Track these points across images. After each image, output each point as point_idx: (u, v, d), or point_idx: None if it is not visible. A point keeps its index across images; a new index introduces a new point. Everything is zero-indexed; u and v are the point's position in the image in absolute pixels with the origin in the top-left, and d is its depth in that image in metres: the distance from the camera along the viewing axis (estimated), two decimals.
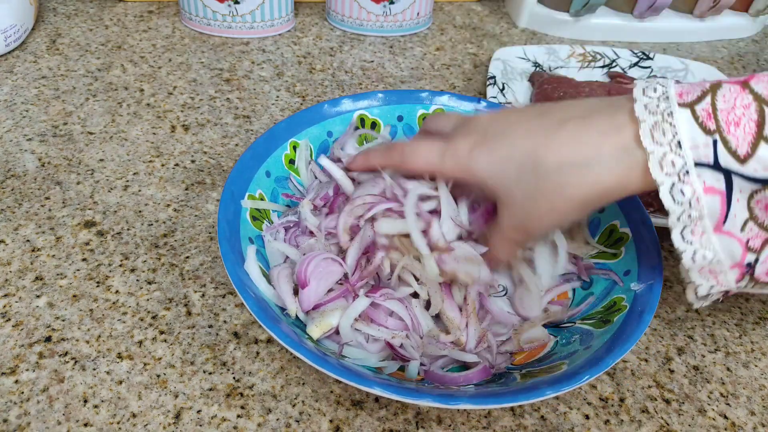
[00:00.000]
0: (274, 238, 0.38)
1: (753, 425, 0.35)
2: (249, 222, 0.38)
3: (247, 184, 0.39)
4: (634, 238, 0.38)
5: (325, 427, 0.33)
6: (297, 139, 0.44)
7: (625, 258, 0.37)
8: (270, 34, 0.71)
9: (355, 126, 0.46)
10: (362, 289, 0.36)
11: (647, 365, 0.38)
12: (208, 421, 0.33)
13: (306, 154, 0.44)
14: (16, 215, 0.44)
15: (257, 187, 0.40)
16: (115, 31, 0.69)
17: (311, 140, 0.45)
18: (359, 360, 0.34)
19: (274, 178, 0.42)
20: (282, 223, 0.39)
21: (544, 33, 0.77)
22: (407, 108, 0.47)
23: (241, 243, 0.35)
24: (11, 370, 0.34)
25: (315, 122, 0.45)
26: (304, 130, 0.44)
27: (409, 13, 0.72)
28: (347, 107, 0.46)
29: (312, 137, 0.45)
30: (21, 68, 0.61)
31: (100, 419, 0.32)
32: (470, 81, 0.66)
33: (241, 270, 0.33)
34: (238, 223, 0.36)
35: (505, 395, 0.29)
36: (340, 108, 0.46)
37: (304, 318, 0.35)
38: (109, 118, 0.55)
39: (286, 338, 0.29)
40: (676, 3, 0.78)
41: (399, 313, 0.34)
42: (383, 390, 0.28)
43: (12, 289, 0.39)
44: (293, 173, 0.43)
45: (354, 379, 0.28)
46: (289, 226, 0.39)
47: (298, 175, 0.44)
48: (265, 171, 0.41)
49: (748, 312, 0.42)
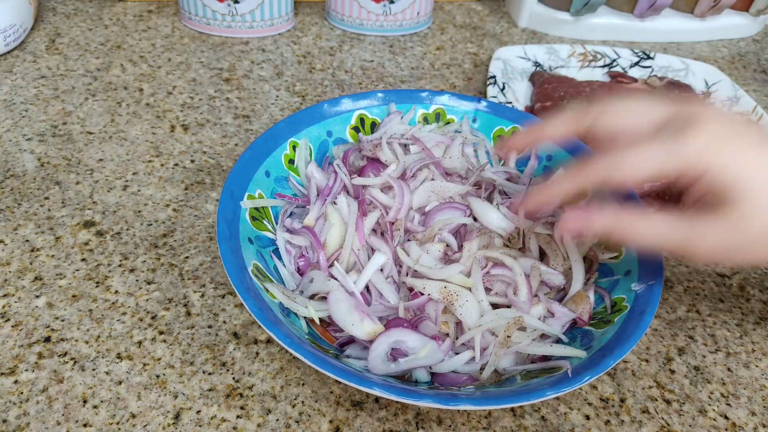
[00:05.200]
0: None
1: (754, 425, 0.35)
2: (248, 222, 0.38)
3: (246, 184, 0.39)
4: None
5: (325, 427, 0.33)
6: (296, 138, 0.44)
7: (626, 259, 0.37)
8: (270, 33, 0.70)
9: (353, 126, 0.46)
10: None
11: (648, 365, 0.38)
12: (207, 421, 0.33)
13: (306, 154, 0.44)
14: (16, 215, 0.44)
15: (257, 187, 0.40)
16: (115, 30, 0.69)
17: (311, 140, 0.45)
18: (361, 359, 0.34)
19: (273, 177, 0.42)
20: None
21: (545, 32, 0.77)
22: (407, 107, 0.47)
23: (241, 243, 0.35)
24: (10, 370, 0.34)
25: (315, 122, 0.45)
26: (303, 129, 0.44)
27: (409, 13, 0.72)
28: (347, 107, 0.46)
29: (312, 137, 0.45)
30: (20, 68, 0.60)
31: (99, 419, 0.32)
32: (470, 81, 0.66)
33: (240, 271, 0.33)
34: (237, 223, 0.36)
35: (505, 396, 0.28)
36: (339, 108, 0.46)
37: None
38: (108, 118, 0.55)
39: (285, 339, 0.29)
40: (677, 3, 0.78)
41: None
42: (383, 391, 0.28)
43: (11, 289, 0.39)
44: (293, 173, 0.43)
45: (353, 379, 0.28)
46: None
47: (298, 175, 0.44)
48: (264, 171, 0.41)
49: (748, 312, 0.42)
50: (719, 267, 0.46)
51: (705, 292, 0.43)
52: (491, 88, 0.59)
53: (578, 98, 0.58)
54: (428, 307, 0.35)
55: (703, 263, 0.33)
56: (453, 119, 0.48)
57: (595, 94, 0.60)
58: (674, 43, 0.78)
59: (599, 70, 0.67)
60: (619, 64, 0.67)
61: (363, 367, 0.32)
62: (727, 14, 0.80)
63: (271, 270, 0.37)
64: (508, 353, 0.33)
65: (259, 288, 0.33)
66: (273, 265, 0.38)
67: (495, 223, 0.38)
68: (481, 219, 0.39)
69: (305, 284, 0.36)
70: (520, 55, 0.66)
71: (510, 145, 0.38)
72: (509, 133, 0.47)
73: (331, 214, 0.39)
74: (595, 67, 0.67)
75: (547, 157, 0.45)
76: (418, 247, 0.37)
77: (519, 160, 0.46)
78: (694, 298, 0.43)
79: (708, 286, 0.44)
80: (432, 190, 0.40)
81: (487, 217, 0.38)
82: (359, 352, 0.34)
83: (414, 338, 0.33)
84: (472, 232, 0.38)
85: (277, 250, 0.39)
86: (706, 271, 0.45)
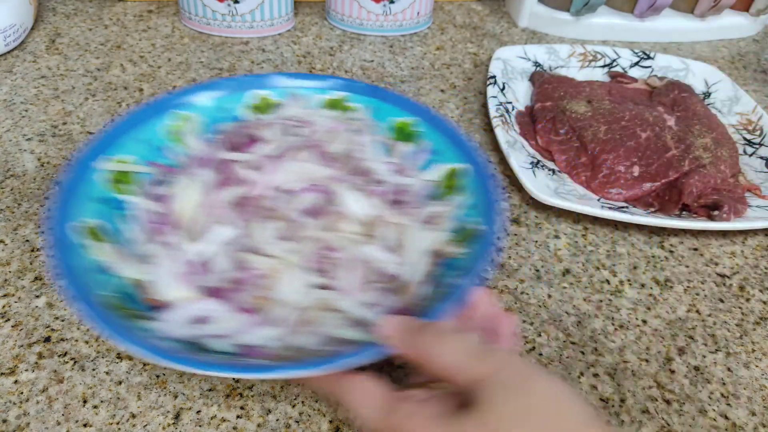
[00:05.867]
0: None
1: (754, 425, 0.35)
2: (101, 184, 0.38)
3: (106, 148, 0.40)
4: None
5: (324, 427, 0.33)
6: (187, 111, 0.45)
7: (472, 255, 0.36)
8: (270, 33, 0.70)
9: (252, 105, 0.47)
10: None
11: (648, 365, 0.38)
12: (207, 421, 0.33)
13: (194, 127, 0.45)
14: (15, 215, 0.44)
15: (127, 153, 0.41)
16: (115, 30, 0.69)
17: (205, 114, 0.45)
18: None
19: (151, 146, 0.43)
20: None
21: (545, 33, 0.77)
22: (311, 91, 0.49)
23: (76, 201, 0.36)
24: (10, 370, 0.34)
25: (210, 96, 0.46)
26: (196, 102, 0.45)
27: (409, 13, 0.72)
28: (248, 85, 0.47)
29: (205, 111, 0.45)
30: (20, 68, 0.60)
31: (99, 419, 0.32)
32: (470, 80, 0.66)
33: (59, 225, 0.34)
34: (80, 183, 0.37)
35: (304, 364, 0.28)
36: (239, 85, 0.47)
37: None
38: (108, 118, 0.55)
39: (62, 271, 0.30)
40: (677, 3, 0.78)
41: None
42: (154, 356, 0.27)
43: (11, 289, 0.39)
44: (178, 144, 0.44)
45: (148, 352, 0.28)
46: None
47: (185, 146, 0.44)
48: (141, 138, 0.42)
49: (748, 312, 0.42)
50: (719, 267, 0.46)
51: (705, 292, 0.43)
52: (491, 88, 0.59)
53: (578, 98, 0.58)
54: (255, 281, 0.35)
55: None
56: (354, 107, 0.49)
57: (595, 93, 0.59)
58: (674, 43, 0.78)
59: (599, 70, 0.66)
60: (619, 63, 0.67)
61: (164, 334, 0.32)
62: (727, 14, 0.80)
63: (118, 232, 0.37)
64: (311, 332, 0.33)
65: (79, 244, 0.33)
66: (122, 227, 0.38)
67: (353, 209, 0.39)
68: (342, 204, 0.40)
69: (145, 248, 0.37)
70: (520, 55, 0.65)
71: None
72: (407, 125, 0.47)
73: (188, 184, 0.39)
74: (596, 67, 0.66)
75: (435, 151, 0.46)
76: (267, 224, 0.37)
77: (407, 153, 0.46)
78: (694, 298, 0.43)
79: (708, 286, 0.44)
80: (297, 170, 0.41)
81: (347, 202, 0.39)
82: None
83: (221, 308, 0.33)
84: (326, 214, 0.39)
85: (134, 214, 0.40)
86: (706, 271, 0.45)
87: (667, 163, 0.51)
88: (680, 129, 0.55)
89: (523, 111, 0.59)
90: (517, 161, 0.50)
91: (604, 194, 0.50)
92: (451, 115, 0.60)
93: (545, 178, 0.50)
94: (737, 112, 0.61)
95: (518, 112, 0.59)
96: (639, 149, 0.52)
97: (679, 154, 0.51)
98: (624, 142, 0.52)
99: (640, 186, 0.50)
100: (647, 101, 0.60)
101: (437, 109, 0.60)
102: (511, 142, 0.52)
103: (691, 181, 0.48)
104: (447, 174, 0.44)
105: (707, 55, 0.76)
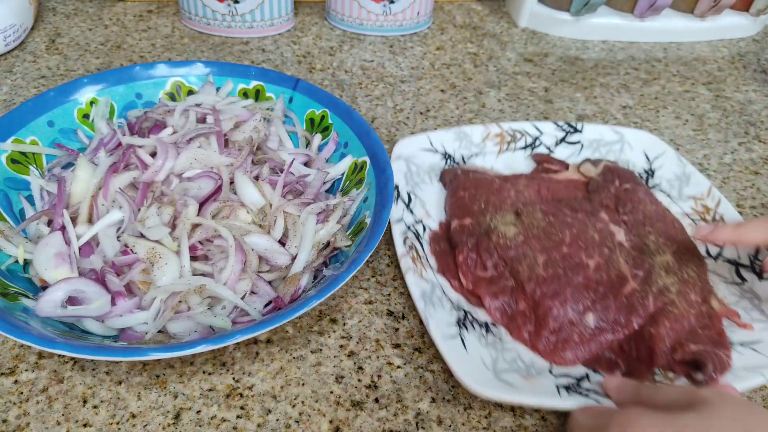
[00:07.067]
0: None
1: None
2: (7, 164, 0.40)
3: (12, 128, 0.41)
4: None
5: (324, 427, 0.33)
6: (97, 96, 0.46)
7: (356, 247, 0.39)
8: (270, 33, 0.70)
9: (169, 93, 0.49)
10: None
11: None
12: (207, 421, 0.33)
13: (104, 111, 0.46)
14: None
15: (31, 134, 0.42)
16: (115, 30, 0.69)
17: (116, 99, 0.47)
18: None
19: (58, 128, 0.44)
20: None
21: (545, 32, 0.77)
22: (225, 81, 0.50)
23: None
24: (11, 370, 0.34)
25: (122, 82, 0.47)
26: (107, 88, 0.46)
27: (409, 13, 0.72)
28: (161, 72, 0.49)
29: (116, 96, 0.47)
30: (20, 68, 0.60)
31: (99, 419, 0.32)
32: (470, 80, 0.66)
33: None
34: None
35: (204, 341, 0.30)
36: (152, 71, 0.48)
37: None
38: None
39: None
40: (677, 2, 0.78)
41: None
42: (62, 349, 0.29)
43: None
44: (87, 127, 0.45)
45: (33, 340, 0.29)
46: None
47: (92, 130, 0.46)
48: (47, 120, 0.43)
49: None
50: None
51: None
52: (396, 208, 0.43)
53: (503, 209, 0.45)
54: (136, 265, 0.36)
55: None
56: (272, 97, 0.50)
57: (522, 197, 0.47)
58: (674, 43, 0.78)
59: (521, 152, 0.53)
60: (542, 142, 0.54)
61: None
62: (727, 14, 0.80)
63: (13, 212, 0.39)
64: (180, 318, 0.35)
65: None
66: (21, 207, 0.40)
67: (248, 197, 0.40)
68: (237, 192, 0.40)
69: (33, 228, 0.38)
70: (425, 147, 0.51)
71: (711, 237, 0.41)
72: (319, 116, 0.48)
73: (82, 167, 0.40)
74: (516, 149, 0.53)
75: (344, 144, 0.47)
76: (155, 209, 0.38)
77: (316, 145, 0.48)
78: None
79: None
80: (196, 157, 0.42)
81: (242, 190, 0.40)
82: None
83: (94, 290, 0.34)
84: (218, 202, 0.39)
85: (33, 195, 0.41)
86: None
87: (627, 304, 0.39)
88: (633, 245, 0.43)
89: (438, 232, 0.45)
90: (438, 329, 0.36)
91: (555, 360, 0.37)
92: (451, 115, 0.60)
93: (478, 345, 0.37)
94: (689, 195, 0.49)
95: (432, 236, 0.45)
96: (590, 286, 0.40)
97: (639, 287, 0.40)
98: (570, 279, 0.40)
99: (598, 340, 0.38)
100: (585, 201, 0.48)
101: (437, 109, 0.60)
102: (428, 293, 0.39)
103: (661, 331, 0.37)
104: (351, 167, 0.45)
105: (707, 55, 0.76)
